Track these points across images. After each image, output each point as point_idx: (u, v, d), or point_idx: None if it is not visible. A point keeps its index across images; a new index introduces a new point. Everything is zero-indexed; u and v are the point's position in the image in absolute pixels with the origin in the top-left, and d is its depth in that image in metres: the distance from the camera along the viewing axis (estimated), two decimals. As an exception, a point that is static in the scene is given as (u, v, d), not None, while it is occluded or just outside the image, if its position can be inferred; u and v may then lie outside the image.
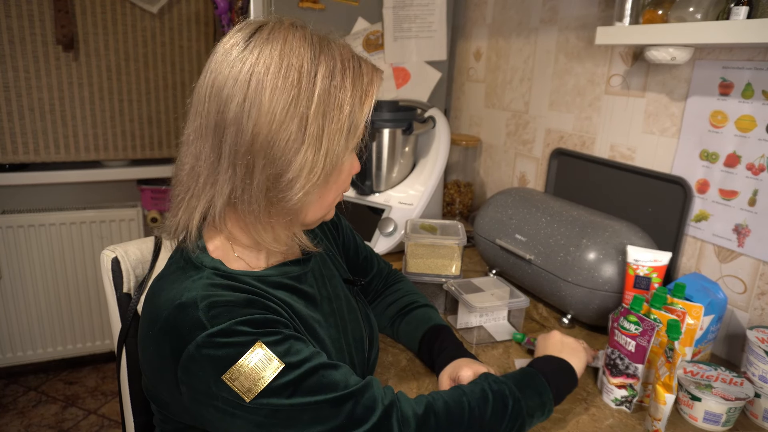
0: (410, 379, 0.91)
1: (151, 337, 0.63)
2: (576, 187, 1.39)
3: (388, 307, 1.01)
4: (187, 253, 0.69)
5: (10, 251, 2.14)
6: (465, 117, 1.90)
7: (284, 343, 0.61)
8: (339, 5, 1.62)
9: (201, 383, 0.59)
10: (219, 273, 0.66)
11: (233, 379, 0.58)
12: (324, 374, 0.62)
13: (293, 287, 0.73)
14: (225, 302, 0.61)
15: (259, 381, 0.58)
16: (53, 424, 2.05)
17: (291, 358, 0.61)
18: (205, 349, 0.58)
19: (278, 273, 0.72)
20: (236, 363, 0.58)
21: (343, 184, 0.72)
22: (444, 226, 1.24)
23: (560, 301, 1.11)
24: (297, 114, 0.61)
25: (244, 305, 0.62)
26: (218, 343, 0.58)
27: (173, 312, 0.61)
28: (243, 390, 0.58)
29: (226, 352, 0.58)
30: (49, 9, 2.04)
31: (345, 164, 0.70)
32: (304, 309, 0.73)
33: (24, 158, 2.15)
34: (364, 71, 0.66)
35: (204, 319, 0.59)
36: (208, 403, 0.60)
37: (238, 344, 0.58)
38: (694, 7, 0.95)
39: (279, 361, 0.59)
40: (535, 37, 1.53)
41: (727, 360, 1.04)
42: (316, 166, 0.63)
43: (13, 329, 2.22)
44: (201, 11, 2.29)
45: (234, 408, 0.59)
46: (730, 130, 1.03)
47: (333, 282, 0.83)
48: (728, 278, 1.06)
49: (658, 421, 0.77)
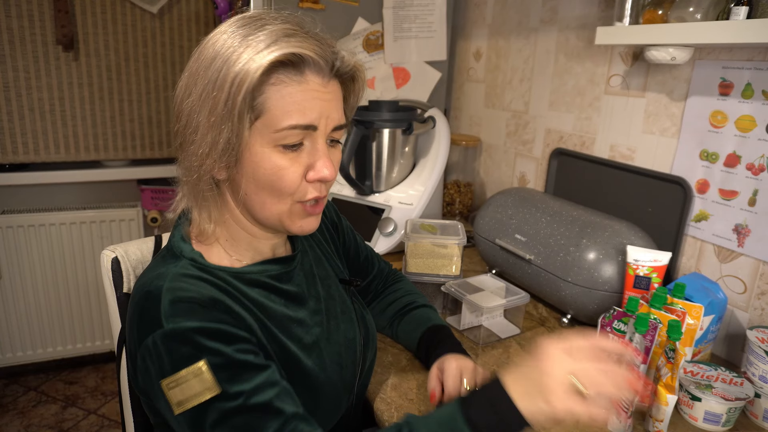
0: (410, 379, 0.91)
1: (128, 320, 0.65)
2: (576, 187, 1.39)
3: (387, 307, 1.01)
4: (171, 243, 0.70)
5: (10, 251, 2.14)
6: (465, 117, 1.90)
7: (230, 369, 0.59)
8: (339, 5, 1.62)
9: (149, 379, 0.60)
10: (195, 264, 0.66)
11: (169, 387, 0.58)
12: (258, 417, 0.59)
13: (271, 286, 0.71)
14: (188, 299, 0.61)
15: (192, 398, 0.58)
16: (53, 424, 2.05)
17: (232, 386, 0.59)
18: (158, 348, 0.59)
19: (258, 271, 0.71)
20: (177, 373, 0.58)
21: (270, 185, 0.64)
22: (444, 226, 1.24)
23: (560, 301, 1.11)
24: (197, 91, 0.61)
25: (207, 305, 0.61)
26: (168, 347, 0.58)
27: (141, 300, 0.62)
28: (174, 401, 0.58)
29: (171, 359, 0.58)
30: (49, 9, 2.04)
31: (262, 158, 0.63)
32: (280, 308, 0.71)
33: (24, 158, 2.15)
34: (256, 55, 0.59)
35: (163, 316, 0.59)
36: (155, 400, 0.61)
37: (184, 355, 0.58)
38: (694, 7, 0.95)
39: (216, 386, 0.58)
40: (535, 37, 1.53)
41: (727, 360, 1.04)
42: (208, 150, 0.62)
43: (13, 329, 2.22)
44: (201, 11, 2.28)
45: (169, 416, 0.60)
46: (730, 130, 1.03)
47: (327, 282, 0.82)
48: (728, 278, 1.06)
49: (660, 422, 0.77)
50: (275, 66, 0.60)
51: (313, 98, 0.62)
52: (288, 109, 0.61)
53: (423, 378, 0.91)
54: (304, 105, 0.62)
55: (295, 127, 0.62)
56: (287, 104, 0.61)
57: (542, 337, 0.68)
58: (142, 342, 0.60)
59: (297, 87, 0.61)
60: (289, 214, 0.67)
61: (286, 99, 0.61)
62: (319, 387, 0.71)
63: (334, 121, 0.66)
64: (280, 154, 0.63)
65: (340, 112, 0.67)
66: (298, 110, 0.62)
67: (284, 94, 0.61)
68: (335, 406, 0.73)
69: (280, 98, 0.61)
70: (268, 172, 0.63)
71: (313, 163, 0.65)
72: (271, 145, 0.63)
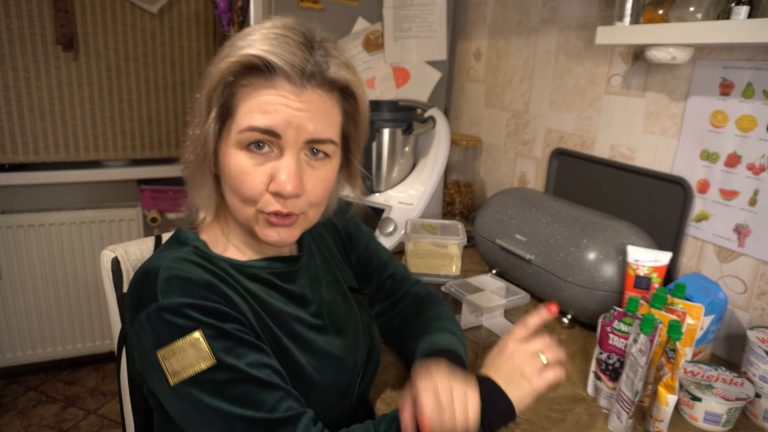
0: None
1: (126, 301, 0.66)
2: (576, 187, 1.39)
3: (410, 337, 0.89)
4: (178, 230, 0.72)
5: (10, 251, 2.14)
6: (465, 117, 1.90)
7: (225, 340, 0.60)
8: (339, 5, 1.62)
9: (144, 352, 0.61)
10: (197, 252, 0.68)
11: (165, 358, 0.59)
12: (253, 389, 0.60)
13: (272, 283, 0.72)
14: (183, 278, 0.62)
15: (187, 367, 0.59)
16: (53, 424, 2.05)
17: (227, 357, 0.60)
18: (152, 321, 0.60)
19: (261, 266, 0.71)
20: (173, 343, 0.59)
21: (233, 186, 0.64)
22: (444, 226, 1.24)
23: (560, 301, 1.11)
24: (200, 83, 0.64)
25: (202, 286, 0.62)
26: (163, 319, 0.59)
27: (138, 277, 0.64)
28: (171, 371, 0.59)
29: (167, 330, 0.59)
30: (49, 9, 2.04)
31: (225, 159, 0.64)
32: (279, 305, 0.71)
33: (24, 158, 2.15)
34: (230, 55, 0.60)
35: (158, 290, 0.61)
36: (150, 374, 0.62)
37: (179, 326, 0.59)
38: (695, 7, 0.95)
39: (212, 356, 0.59)
40: (535, 37, 1.53)
41: (728, 360, 1.04)
42: (194, 142, 0.65)
43: (13, 329, 2.22)
44: (201, 11, 2.28)
45: (163, 389, 0.61)
46: (730, 129, 1.03)
47: (333, 288, 0.82)
48: (728, 278, 1.06)
49: (660, 422, 0.76)
50: (246, 69, 0.60)
51: (279, 103, 0.60)
52: (251, 110, 0.61)
53: (423, 378, 0.91)
54: (266, 108, 0.60)
55: (254, 128, 0.61)
56: (252, 105, 0.61)
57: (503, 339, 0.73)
58: (136, 315, 0.61)
59: (265, 91, 0.61)
60: (255, 220, 0.66)
61: (251, 101, 0.61)
62: (310, 386, 0.70)
63: (309, 134, 0.62)
64: (245, 157, 0.63)
65: (323, 126, 0.63)
66: (261, 112, 0.61)
67: (252, 96, 0.61)
68: (323, 409, 0.72)
69: (247, 100, 0.61)
70: (233, 173, 0.63)
71: (275, 173, 0.62)
72: (237, 146, 0.62)
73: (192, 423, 0.61)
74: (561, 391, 0.90)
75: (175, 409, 0.62)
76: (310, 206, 0.67)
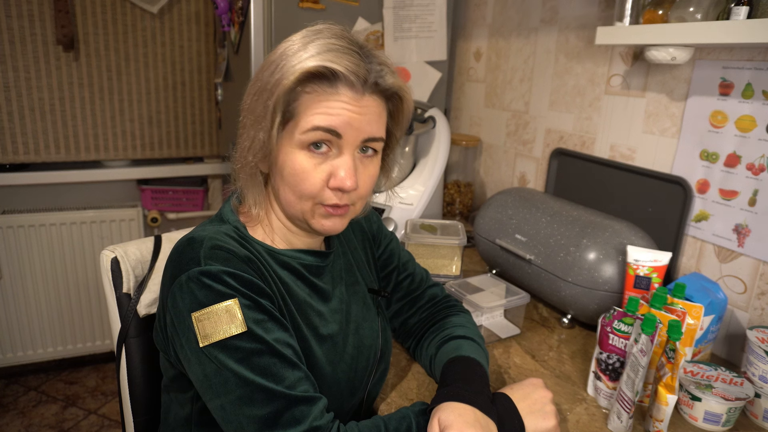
0: (410, 379, 0.91)
1: (165, 267, 0.70)
2: (576, 187, 1.39)
3: (428, 345, 0.90)
4: (221, 211, 0.77)
5: (10, 251, 2.14)
6: (465, 117, 1.90)
7: (258, 312, 0.64)
8: (339, 5, 1.62)
9: (178, 313, 0.64)
10: (237, 232, 0.72)
11: (199, 320, 0.62)
12: (277, 363, 0.63)
13: (301, 273, 0.75)
14: (226, 249, 0.66)
15: (219, 331, 0.62)
16: (53, 424, 2.05)
17: (257, 329, 0.63)
18: (192, 283, 0.63)
19: (292, 256, 0.75)
20: (208, 307, 0.62)
21: (293, 184, 0.69)
22: (444, 226, 1.24)
23: (560, 301, 1.11)
24: (251, 92, 0.69)
25: (242, 260, 0.66)
26: (202, 283, 0.63)
27: (183, 244, 0.68)
28: (202, 333, 0.62)
29: (205, 293, 0.63)
30: (49, 9, 2.04)
31: (285, 159, 0.68)
32: (303, 295, 0.74)
33: (24, 158, 2.15)
34: (295, 65, 0.65)
35: (201, 256, 0.64)
36: (179, 338, 0.65)
37: (217, 291, 0.63)
38: (694, 7, 0.95)
39: (243, 324, 0.62)
40: (535, 37, 1.53)
41: (727, 360, 1.04)
42: (249, 145, 0.69)
43: (13, 329, 2.22)
44: (201, 11, 2.28)
45: (191, 351, 0.63)
46: (730, 130, 1.03)
47: (354, 288, 0.84)
48: (728, 278, 1.06)
49: (660, 422, 0.76)
50: (310, 77, 0.65)
51: (341, 108, 0.66)
52: (315, 112, 0.66)
53: (423, 378, 0.91)
54: (330, 111, 0.65)
55: (318, 128, 0.65)
56: (316, 109, 0.66)
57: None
58: (176, 278, 0.65)
59: (328, 97, 0.66)
60: (311, 213, 0.71)
61: (315, 105, 0.66)
62: (322, 378, 0.72)
63: (366, 134, 0.68)
64: (306, 157, 0.68)
65: (377, 127, 0.70)
66: (324, 114, 0.65)
67: (316, 101, 0.66)
68: (332, 402, 0.74)
69: (311, 104, 0.66)
70: (293, 172, 0.68)
71: (336, 171, 0.68)
72: (298, 146, 0.67)
73: (212, 388, 0.63)
74: (561, 391, 0.90)
75: (198, 372, 0.64)
76: (359, 198, 0.73)
